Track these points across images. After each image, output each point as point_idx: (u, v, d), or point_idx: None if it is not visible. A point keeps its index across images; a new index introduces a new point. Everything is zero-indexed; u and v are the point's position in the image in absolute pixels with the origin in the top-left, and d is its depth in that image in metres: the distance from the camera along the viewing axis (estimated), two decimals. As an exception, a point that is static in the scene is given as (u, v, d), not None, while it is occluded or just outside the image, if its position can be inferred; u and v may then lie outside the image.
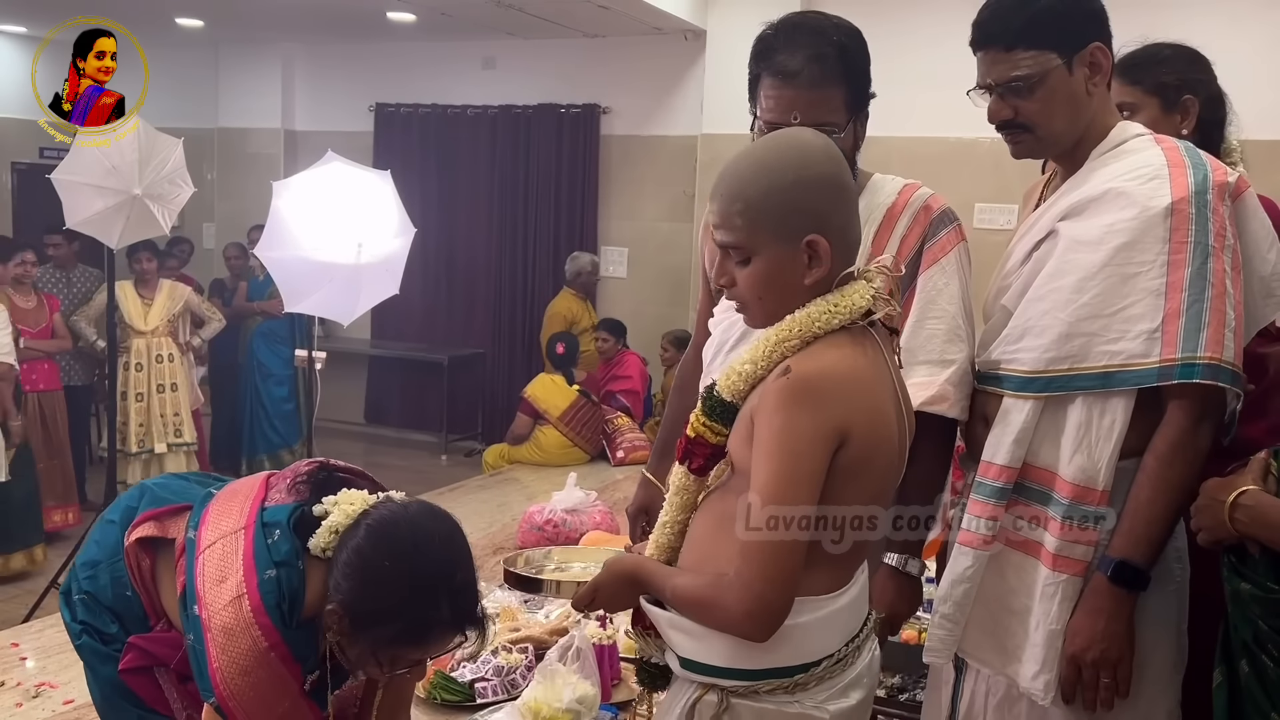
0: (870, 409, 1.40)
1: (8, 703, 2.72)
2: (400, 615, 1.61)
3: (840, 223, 1.43)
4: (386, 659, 1.66)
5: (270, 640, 1.61)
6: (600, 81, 7.33)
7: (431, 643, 1.67)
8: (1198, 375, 1.63)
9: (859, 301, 1.41)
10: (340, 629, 1.63)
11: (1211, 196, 1.66)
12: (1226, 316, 1.64)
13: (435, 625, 1.64)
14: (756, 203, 1.41)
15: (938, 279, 1.86)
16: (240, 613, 1.61)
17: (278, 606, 1.62)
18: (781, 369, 1.38)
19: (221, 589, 1.63)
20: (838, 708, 1.44)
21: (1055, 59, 1.72)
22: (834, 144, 1.48)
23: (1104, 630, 1.67)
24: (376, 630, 1.62)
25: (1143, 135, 1.78)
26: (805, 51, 1.80)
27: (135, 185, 4.40)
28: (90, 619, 1.81)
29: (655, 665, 1.61)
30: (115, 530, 1.84)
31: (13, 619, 4.40)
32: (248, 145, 8.58)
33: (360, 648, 1.65)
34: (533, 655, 2.82)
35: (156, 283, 6.04)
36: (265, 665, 1.61)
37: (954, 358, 1.83)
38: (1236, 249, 1.68)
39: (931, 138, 5.79)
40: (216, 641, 1.61)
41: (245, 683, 1.60)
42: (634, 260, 7.34)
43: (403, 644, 1.65)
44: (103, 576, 1.81)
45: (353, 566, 1.63)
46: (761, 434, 1.37)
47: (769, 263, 1.43)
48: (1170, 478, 1.65)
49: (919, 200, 1.91)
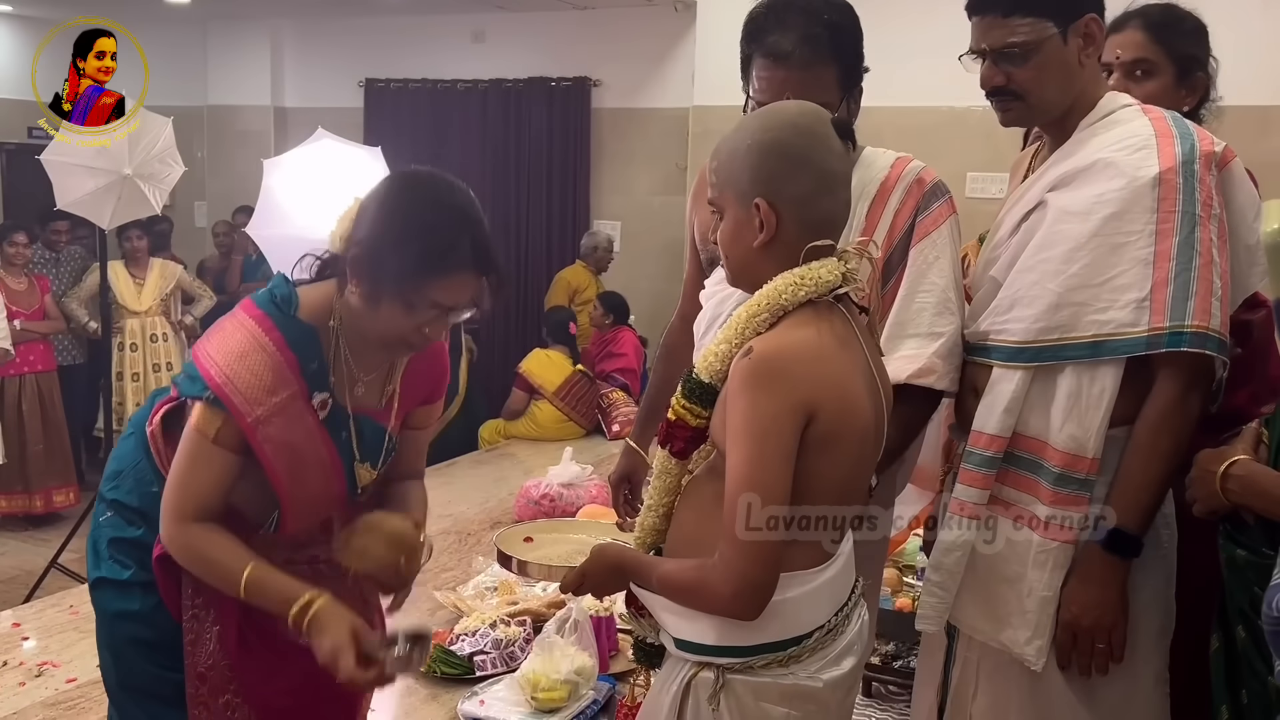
0: (836, 383, 1.40)
1: (10, 682, 2.74)
2: (422, 235, 1.58)
3: (797, 193, 1.43)
4: (411, 298, 1.60)
5: (264, 326, 1.61)
6: (591, 54, 7.29)
7: (454, 270, 1.61)
8: (1185, 344, 1.64)
9: (826, 276, 1.42)
10: (360, 273, 1.60)
11: (1199, 166, 1.67)
12: (1213, 285, 1.65)
13: (458, 250, 1.60)
14: (723, 162, 1.48)
15: (929, 252, 1.87)
16: (234, 318, 1.64)
17: (270, 301, 1.64)
18: (744, 350, 1.39)
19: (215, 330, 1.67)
20: (831, 676, 1.46)
21: (1051, 27, 1.73)
22: (817, 118, 1.48)
23: (1099, 597, 1.70)
24: (399, 258, 1.58)
25: (1130, 106, 1.79)
26: (797, 32, 1.81)
27: (126, 165, 4.38)
28: (115, 532, 1.76)
29: (650, 644, 1.64)
30: (132, 439, 1.82)
31: (14, 600, 4.43)
32: (237, 123, 8.52)
33: (384, 294, 1.60)
34: (531, 628, 2.84)
35: (148, 261, 6.03)
36: (259, 348, 1.60)
37: (943, 330, 1.84)
38: (1223, 218, 1.69)
39: (923, 107, 5.76)
40: (207, 345, 1.62)
41: (241, 365, 1.58)
42: (627, 234, 7.32)
43: (426, 271, 1.59)
44: (126, 482, 1.78)
45: (371, 206, 1.64)
46: (731, 417, 1.38)
47: (730, 221, 1.48)
48: (1160, 446, 1.68)
49: (911, 174, 1.92)
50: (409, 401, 1.82)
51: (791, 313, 1.42)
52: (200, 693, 1.69)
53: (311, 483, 1.67)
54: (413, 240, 1.59)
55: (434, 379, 1.87)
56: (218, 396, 1.58)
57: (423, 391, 1.85)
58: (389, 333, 1.65)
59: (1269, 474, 1.53)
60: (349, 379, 1.71)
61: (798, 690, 1.43)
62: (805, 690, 1.44)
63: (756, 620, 1.40)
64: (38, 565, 5.02)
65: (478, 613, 2.97)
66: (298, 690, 1.75)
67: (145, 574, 1.71)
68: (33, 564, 5.17)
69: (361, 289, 1.62)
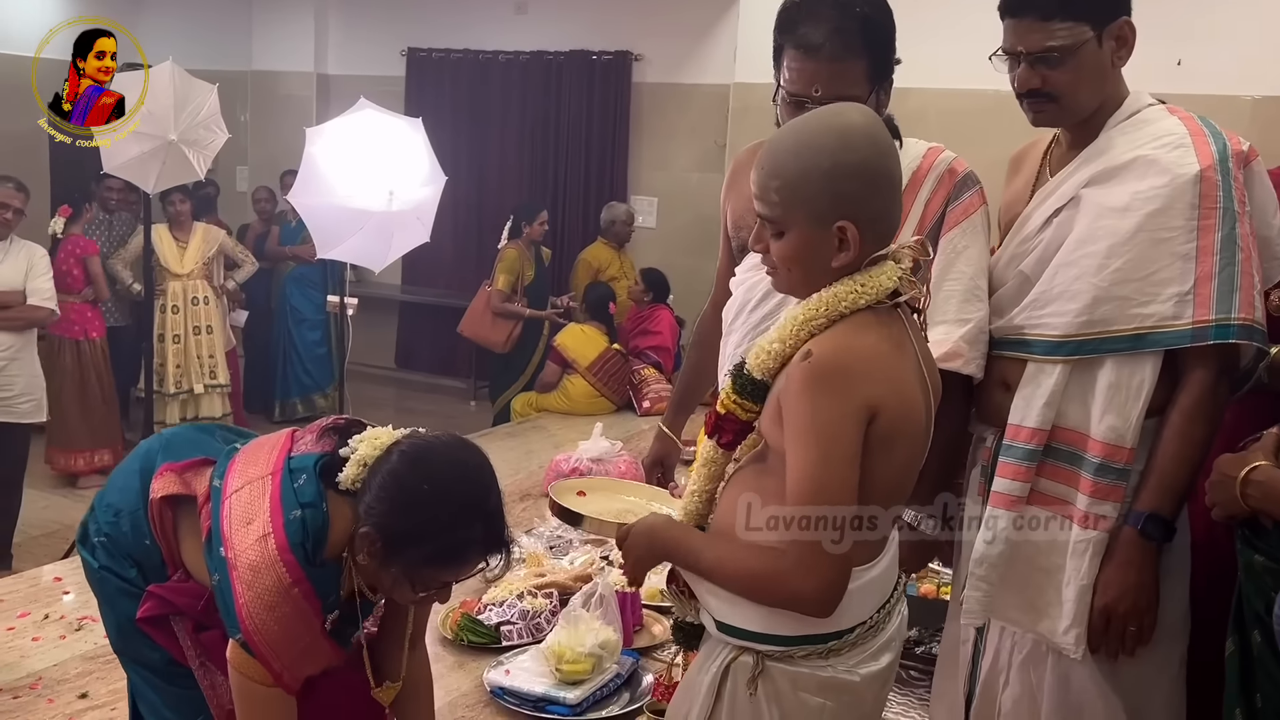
0: (895, 383, 1.41)
1: (52, 634, 2.81)
2: (436, 536, 1.64)
3: (875, 210, 1.42)
4: (419, 580, 1.69)
5: (294, 576, 1.65)
6: (633, 28, 7.27)
7: (465, 564, 1.70)
8: (1233, 335, 1.68)
9: (885, 283, 1.42)
10: (372, 552, 1.65)
11: (1232, 164, 1.71)
12: (1254, 279, 1.70)
13: (470, 546, 1.67)
14: (792, 182, 1.41)
15: (958, 241, 1.88)
16: (266, 551, 1.65)
17: (301, 545, 1.66)
18: (803, 353, 1.39)
19: (248, 530, 1.67)
20: (868, 671, 1.47)
21: (1088, 31, 1.74)
22: (881, 128, 1.45)
23: (1135, 581, 1.73)
24: (411, 551, 1.64)
25: (1155, 105, 1.82)
26: (828, 25, 1.80)
27: (171, 131, 4.45)
28: (110, 563, 1.85)
29: (689, 624, 1.65)
30: (136, 479, 1.87)
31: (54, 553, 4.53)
32: (281, 89, 8.59)
33: (393, 570, 1.67)
34: (557, 600, 2.88)
35: (190, 225, 6.10)
36: (289, 601, 1.64)
37: (970, 316, 1.85)
38: (1251, 214, 1.73)
39: (969, 90, 5.70)
40: (243, 579, 1.65)
41: (270, 618, 1.64)
42: (664, 210, 7.32)
43: (437, 565, 1.67)
44: (124, 523, 1.84)
45: (387, 490, 1.66)
46: (792, 420, 1.38)
47: (800, 240, 1.43)
48: (1194, 433, 1.71)
49: (943, 164, 1.92)
50: None
51: (848, 316, 1.42)
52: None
53: (311, 667, 1.75)
54: (428, 538, 1.64)
55: None
56: (248, 643, 1.65)
57: None
58: (394, 593, 1.75)
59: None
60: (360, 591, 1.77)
61: (835, 682, 1.45)
62: (842, 683, 1.45)
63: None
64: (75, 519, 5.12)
65: (505, 583, 3.01)
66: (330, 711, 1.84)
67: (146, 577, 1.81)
68: (72, 518, 5.25)
69: (373, 561, 1.67)
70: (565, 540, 3.45)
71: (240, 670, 1.68)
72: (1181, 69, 5.00)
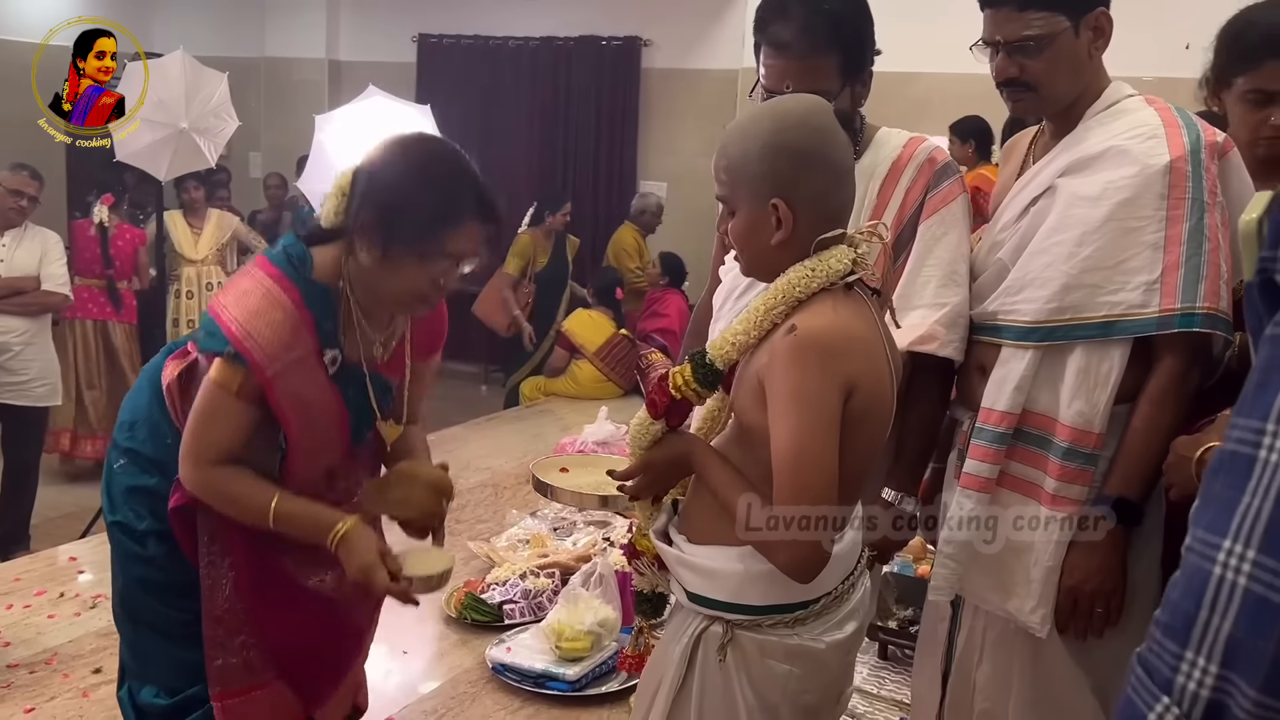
0: (870, 362, 1.47)
1: (67, 612, 2.89)
2: (427, 195, 1.68)
3: (811, 191, 1.47)
4: (426, 253, 1.69)
5: (282, 284, 1.69)
6: (641, 14, 7.30)
7: (462, 219, 1.70)
8: (1197, 324, 1.69)
9: (836, 265, 1.47)
10: (372, 240, 1.68)
11: (1204, 155, 1.72)
12: (1220, 269, 1.71)
13: (462, 199, 1.70)
14: (735, 163, 1.51)
15: (936, 228, 1.91)
16: (251, 274, 1.72)
17: (286, 260, 1.73)
18: (787, 328, 1.44)
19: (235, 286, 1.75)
20: (833, 639, 1.53)
21: (1064, 21, 1.76)
22: (825, 114, 1.51)
23: (1100, 564, 1.76)
24: (409, 219, 1.67)
25: (1134, 96, 1.84)
26: (797, 23, 1.84)
27: (182, 119, 4.50)
28: (132, 482, 1.85)
29: (654, 594, 1.72)
30: (145, 392, 1.89)
31: (70, 535, 4.62)
32: (293, 75, 8.66)
33: (396, 255, 1.68)
34: (559, 580, 2.94)
35: (205, 211, 6.17)
36: (278, 307, 1.67)
37: (947, 301, 1.88)
38: (1224, 205, 1.74)
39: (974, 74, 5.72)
40: (228, 306, 1.69)
41: (260, 322, 1.66)
42: (672, 195, 7.34)
43: (437, 227, 1.68)
44: (140, 431, 1.86)
45: (371, 178, 1.71)
46: (777, 391, 1.42)
47: (745, 219, 1.51)
48: (1162, 420, 1.73)
49: (923, 154, 1.95)
50: (414, 355, 1.92)
51: (807, 301, 1.47)
52: (217, 634, 1.79)
53: (320, 433, 1.77)
54: (422, 197, 1.68)
55: (435, 333, 1.97)
56: (238, 352, 1.65)
57: (425, 346, 1.95)
58: (404, 290, 1.73)
59: None
60: (359, 337, 1.79)
61: (801, 650, 1.51)
62: (808, 650, 1.51)
63: (769, 581, 1.47)
64: (94, 502, 5.21)
65: (509, 563, 3.07)
66: (308, 627, 1.87)
67: (159, 524, 1.81)
68: (89, 501, 5.36)
69: (375, 251, 1.69)
70: (569, 522, 3.51)
71: (213, 378, 1.68)
72: (1189, 52, 4.98)
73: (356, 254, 1.72)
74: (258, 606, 1.80)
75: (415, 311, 1.83)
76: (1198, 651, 0.84)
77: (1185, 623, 0.85)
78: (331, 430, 1.78)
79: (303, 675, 1.89)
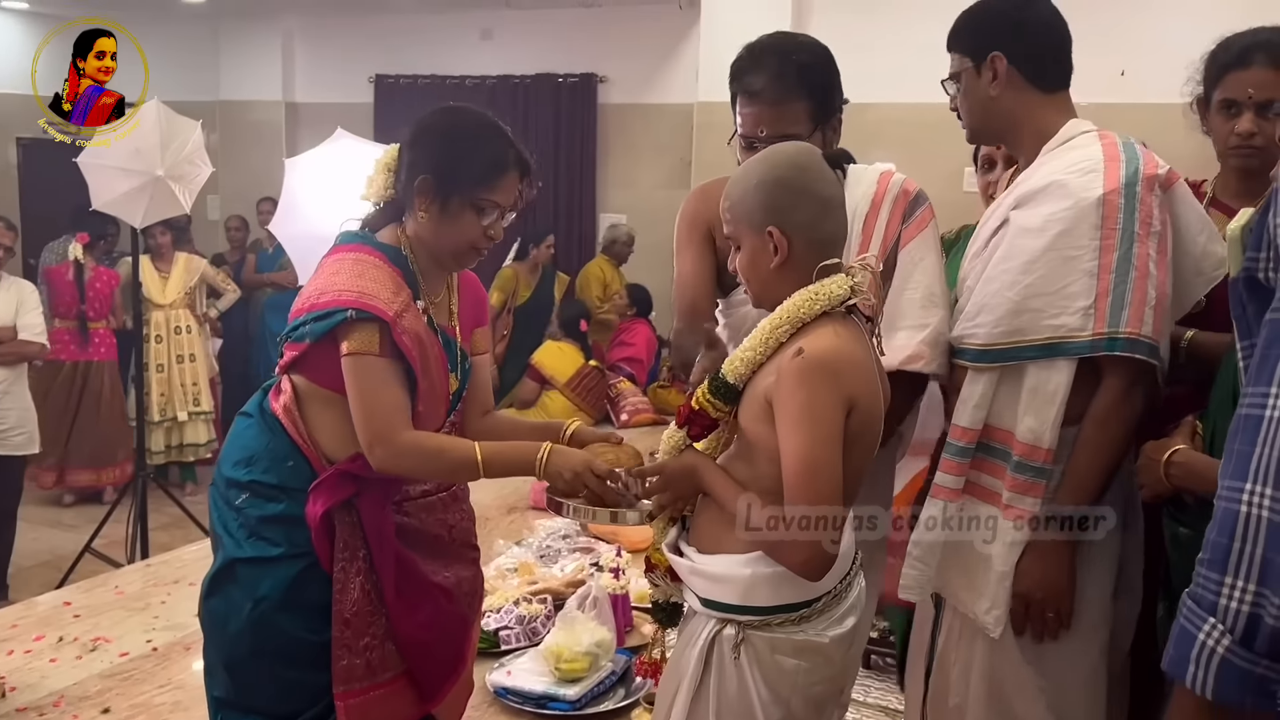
0: (867, 383, 1.62)
1: (69, 655, 2.92)
2: (475, 150, 1.87)
3: (803, 219, 1.64)
4: (478, 202, 1.87)
5: (364, 250, 1.87)
6: (597, 51, 7.45)
7: (506, 171, 1.89)
8: (1119, 348, 1.85)
9: (836, 291, 1.62)
10: (429, 196, 1.87)
11: (1140, 188, 1.87)
12: (1148, 295, 1.85)
13: (506, 153, 1.89)
14: (734, 200, 1.70)
15: (914, 254, 2.07)
16: (332, 259, 1.88)
17: (356, 237, 1.92)
18: (794, 351, 1.59)
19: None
20: (836, 633, 1.67)
21: (969, 62, 2.01)
22: (810, 154, 1.68)
23: (1044, 572, 1.90)
24: (461, 172, 1.86)
25: (1088, 133, 1.98)
26: (769, 72, 2.01)
27: (158, 167, 4.56)
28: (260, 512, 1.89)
29: (670, 604, 1.86)
30: (254, 426, 1.97)
31: (48, 582, 4.63)
32: (249, 118, 8.69)
33: (453, 206, 1.87)
34: (551, 605, 3.02)
35: (172, 256, 6.21)
36: (371, 266, 1.84)
37: (929, 321, 2.04)
38: (1165, 234, 1.88)
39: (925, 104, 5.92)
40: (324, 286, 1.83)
41: (365, 280, 1.81)
42: (633, 226, 7.49)
43: (487, 178, 1.87)
44: (261, 463, 1.92)
45: (422, 137, 1.90)
46: (788, 408, 1.57)
47: (748, 249, 1.69)
48: (1103, 438, 1.88)
49: (895, 186, 2.12)
50: (467, 322, 2.08)
51: (811, 324, 1.62)
52: (345, 636, 1.87)
53: (435, 385, 1.91)
54: (471, 153, 1.87)
55: (479, 303, 2.15)
56: (362, 309, 1.78)
57: (474, 314, 2.11)
58: (461, 241, 1.90)
59: (1206, 460, 1.72)
60: (426, 298, 1.95)
61: (808, 644, 1.65)
62: (814, 644, 1.65)
63: (776, 584, 1.62)
64: (68, 549, 5.21)
65: (500, 591, 3.15)
66: (431, 624, 1.97)
67: (293, 547, 1.88)
68: (63, 549, 5.36)
69: (433, 208, 1.87)
70: (554, 549, 3.60)
71: (353, 350, 1.78)
72: (1125, 79, 5.22)
73: (415, 216, 1.89)
74: (392, 603, 1.89)
75: (469, 262, 1.99)
76: (1235, 575, 1.05)
77: (1223, 555, 1.07)
78: (442, 382, 1.93)
79: (426, 670, 1.98)
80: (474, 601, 2.12)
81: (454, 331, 2.02)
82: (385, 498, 1.93)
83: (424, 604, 1.96)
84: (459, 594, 2.04)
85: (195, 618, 2.02)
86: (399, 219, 1.94)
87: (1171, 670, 1.13)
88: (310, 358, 1.86)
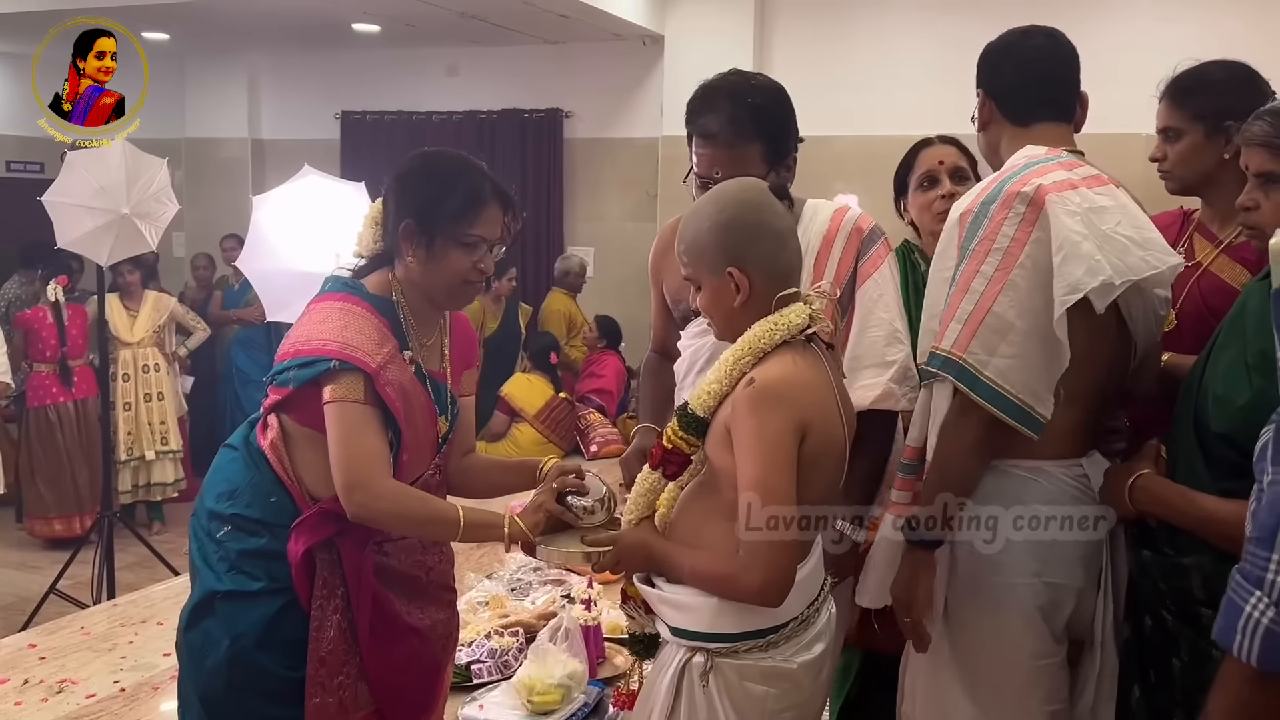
0: (821, 408, 1.66)
1: (34, 698, 2.89)
2: (453, 189, 1.90)
3: (759, 254, 1.68)
4: (461, 240, 1.89)
5: (350, 301, 1.89)
6: (562, 87, 7.52)
7: (486, 205, 1.91)
8: (934, 365, 1.86)
9: (795, 320, 1.67)
10: (414, 240, 1.89)
11: (995, 205, 1.83)
12: (958, 310, 1.83)
13: (483, 188, 1.92)
14: (690, 244, 1.74)
15: (872, 291, 2.11)
16: (319, 307, 1.90)
17: (344, 285, 1.93)
18: (746, 381, 1.63)
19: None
20: (803, 660, 1.70)
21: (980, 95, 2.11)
22: (757, 189, 1.72)
23: (901, 581, 1.92)
24: (442, 211, 1.88)
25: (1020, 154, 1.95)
26: (723, 114, 2.04)
27: (124, 204, 4.55)
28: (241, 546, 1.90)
29: (646, 635, 1.87)
30: (238, 460, 1.98)
31: (11, 624, 4.57)
32: (215, 155, 8.68)
33: (437, 247, 1.89)
34: (523, 638, 3.03)
35: (140, 294, 6.19)
36: (357, 316, 1.87)
37: (894, 358, 2.08)
38: (1014, 250, 1.80)
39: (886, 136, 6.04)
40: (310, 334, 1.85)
41: (349, 332, 1.83)
42: (600, 260, 7.53)
43: (468, 214, 1.89)
44: (244, 496, 1.94)
45: (400, 184, 1.94)
46: (741, 436, 1.61)
47: (709, 290, 1.73)
48: (940, 448, 1.88)
49: (849, 223, 2.14)
50: (458, 364, 2.10)
51: (771, 353, 1.66)
52: (319, 674, 1.88)
53: (420, 433, 1.93)
54: (451, 193, 1.90)
55: (470, 345, 2.17)
56: (344, 360, 1.80)
57: (465, 356, 2.14)
58: (452, 279, 1.93)
59: (1169, 485, 1.77)
60: (416, 345, 1.97)
61: (776, 671, 1.67)
62: (781, 671, 1.67)
63: (743, 610, 1.64)
64: (32, 591, 5.15)
65: (472, 625, 3.15)
66: (404, 666, 1.98)
67: (273, 582, 1.89)
68: (27, 590, 5.29)
69: (419, 251, 1.90)
70: (525, 582, 3.61)
71: (336, 397, 1.81)
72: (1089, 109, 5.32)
73: (404, 262, 1.92)
74: (366, 643, 1.90)
75: (465, 299, 2.02)
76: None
77: (1270, 534, 1.15)
78: (429, 429, 1.95)
79: (396, 711, 1.99)
80: (448, 644, 2.14)
81: (444, 376, 2.05)
82: (367, 537, 1.93)
83: (398, 645, 1.97)
84: (433, 636, 2.06)
85: (163, 658, 2.03)
86: (389, 265, 1.97)
87: (1220, 639, 1.21)
88: (295, 400, 1.89)
